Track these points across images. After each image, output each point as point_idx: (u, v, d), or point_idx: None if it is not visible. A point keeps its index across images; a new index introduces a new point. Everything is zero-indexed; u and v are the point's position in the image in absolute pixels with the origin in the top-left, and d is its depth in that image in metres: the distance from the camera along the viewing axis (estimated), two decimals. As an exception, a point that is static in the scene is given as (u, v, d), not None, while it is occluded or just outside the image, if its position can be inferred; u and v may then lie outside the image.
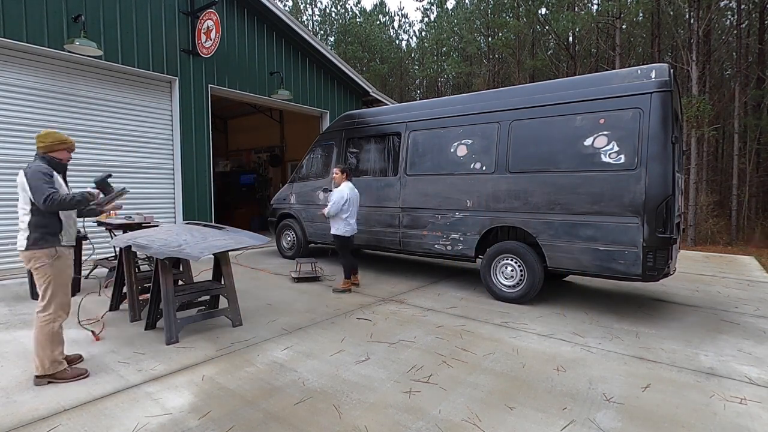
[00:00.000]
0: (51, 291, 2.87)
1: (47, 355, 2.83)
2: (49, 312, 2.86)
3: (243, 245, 3.99)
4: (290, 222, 7.72)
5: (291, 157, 13.92)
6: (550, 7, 21.44)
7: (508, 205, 4.97)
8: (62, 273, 2.92)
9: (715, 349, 3.62)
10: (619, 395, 2.77)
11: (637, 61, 23.05)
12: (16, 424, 2.37)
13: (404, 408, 2.59)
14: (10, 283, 5.68)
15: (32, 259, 2.83)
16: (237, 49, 8.79)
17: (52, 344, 2.86)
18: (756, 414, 2.57)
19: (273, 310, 4.60)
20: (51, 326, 2.86)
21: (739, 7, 19.37)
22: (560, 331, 4.02)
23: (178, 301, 3.75)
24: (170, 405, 2.58)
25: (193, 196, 8.17)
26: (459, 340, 3.76)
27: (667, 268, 4.18)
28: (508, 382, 2.96)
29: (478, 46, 29.41)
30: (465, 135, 5.39)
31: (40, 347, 2.83)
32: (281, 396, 2.71)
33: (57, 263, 2.88)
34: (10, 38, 5.83)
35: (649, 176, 4.07)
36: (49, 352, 2.84)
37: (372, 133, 6.54)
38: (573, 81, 4.76)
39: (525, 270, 4.88)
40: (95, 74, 6.94)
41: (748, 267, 7.97)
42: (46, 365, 2.83)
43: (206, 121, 8.33)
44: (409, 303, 4.98)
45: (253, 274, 6.50)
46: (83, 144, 6.85)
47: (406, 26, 47.06)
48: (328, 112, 11.03)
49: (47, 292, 2.86)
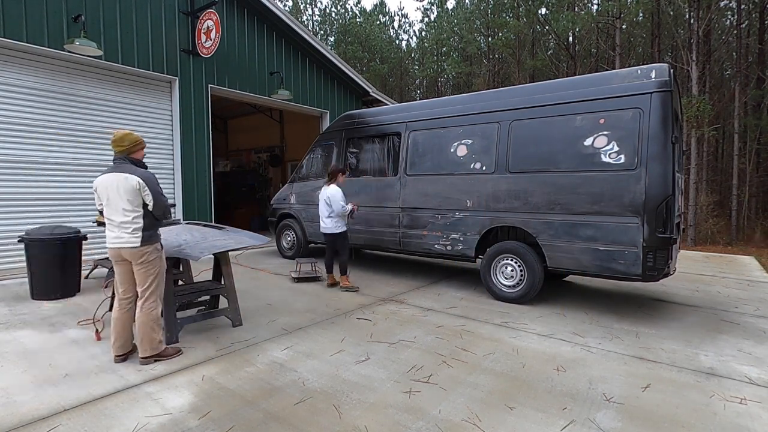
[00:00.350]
0: (158, 281, 3.21)
1: (155, 338, 3.17)
2: (153, 300, 3.19)
3: (243, 245, 3.99)
4: (290, 222, 7.72)
5: (291, 157, 13.92)
6: (550, 7, 21.45)
7: (508, 205, 4.97)
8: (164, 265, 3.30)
9: (715, 349, 3.62)
10: (619, 395, 2.77)
11: (637, 61, 23.05)
12: (16, 424, 2.37)
13: (404, 408, 2.59)
14: (10, 283, 5.67)
15: (145, 254, 3.11)
16: (237, 49, 8.79)
17: (159, 327, 3.21)
18: (756, 414, 2.57)
19: (273, 310, 4.60)
20: (156, 312, 3.20)
21: (739, 7, 19.38)
22: (560, 331, 4.02)
23: (178, 301, 3.75)
24: (170, 405, 2.58)
25: (193, 196, 8.17)
26: (459, 340, 3.76)
27: (667, 268, 4.17)
28: (508, 382, 2.96)
29: (478, 46, 29.41)
30: (465, 135, 5.39)
31: (150, 331, 3.14)
32: (281, 396, 2.71)
33: (162, 256, 3.27)
34: (10, 38, 5.83)
35: (649, 176, 4.07)
36: (155, 335, 3.17)
37: (372, 133, 6.54)
38: (573, 81, 4.75)
39: (525, 270, 4.88)
40: (95, 74, 6.94)
41: (748, 267, 7.97)
42: (154, 345, 3.18)
43: (206, 121, 8.33)
44: (409, 303, 4.98)
45: (253, 274, 6.50)
46: (83, 144, 6.86)
47: (406, 26, 47.12)
48: (328, 112, 11.03)
49: (154, 283, 3.18)
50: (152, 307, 3.17)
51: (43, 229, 4.95)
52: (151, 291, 3.17)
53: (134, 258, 3.10)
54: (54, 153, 6.55)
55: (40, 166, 6.41)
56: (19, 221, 6.17)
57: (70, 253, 4.99)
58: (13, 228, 6.06)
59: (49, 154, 6.50)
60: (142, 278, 3.15)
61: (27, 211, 6.29)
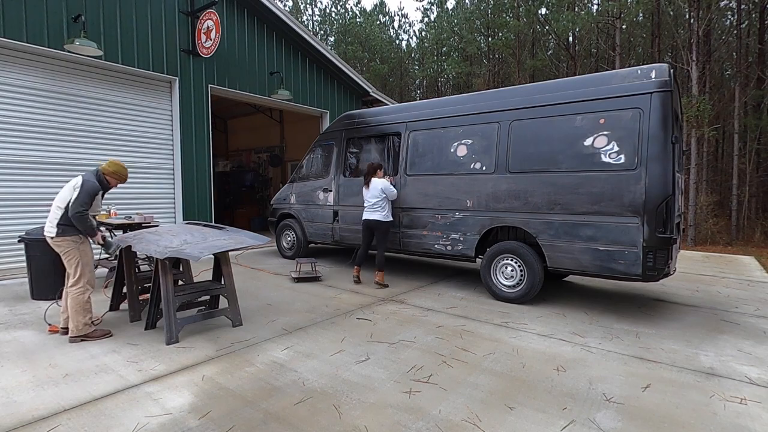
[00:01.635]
0: (80, 270, 3.56)
1: (80, 321, 3.52)
2: (79, 286, 3.55)
3: (243, 245, 3.99)
4: (290, 222, 7.72)
5: (291, 157, 13.93)
6: (550, 7, 21.42)
7: (508, 205, 4.97)
8: (86, 254, 3.63)
9: (715, 349, 3.62)
10: (619, 395, 2.77)
11: (637, 61, 23.05)
12: (16, 424, 2.37)
13: (404, 408, 2.59)
14: (10, 283, 5.67)
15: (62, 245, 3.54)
16: (237, 49, 8.79)
17: (84, 311, 3.55)
18: (756, 414, 2.57)
19: (273, 310, 4.60)
20: (82, 297, 3.54)
21: (739, 7, 19.37)
22: (560, 331, 4.02)
23: (178, 301, 3.75)
24: (170, 405, 2.58)
25: (193, 196, 8.17)
26: (459, 340, 3.76)
27: (667, 268, 4.17)
28: (508, 382, 2.96)
29: (478, 46, 29.39)
30: (465, 135, 5.39)
31: (75, 314, 3.51)
32: (281, 396, 2.71)
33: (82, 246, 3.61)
34: (10, 38, 5.83)
35: (649, 176, 4.07)
36: (81, 318, 3.52)
37: (372, 133, 6.54)
38: (573, 81, 4.75)
39: (525, 270, 4.88)
40: (95, 74, 6.95)
41: (748, 267, 7.97)
42: (80, 327, 3.53)
43: (206, 121, 8.33)
44: (409, 303, 4.98)
45: (253, 274, 6.50)
46: (83, 144, 6.87)
47: (406, 26, 47.06)
48: (328, 112, 11.04)
49: (77, 271, 3.55)
50: (78, 291, 3.54)
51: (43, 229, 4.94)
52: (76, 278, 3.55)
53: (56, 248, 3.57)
54: (54, 153, 6.55)
55: (40, 166, 6.41)
56: (19, 221, 6.17)
57: (70, 253, 4.99)
58: (13, 228, 6.06)
59: (49, 154, 6.51)
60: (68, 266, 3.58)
61: (27, 211, 6.29)
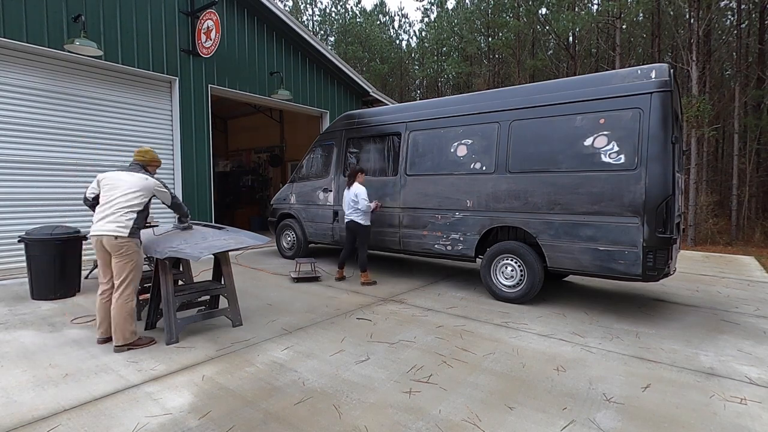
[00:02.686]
0: (134, 274, 3.44)
1: (127, 329, 3.37)
2: (129, 292, 3.40)
3: (243, 245, 3.99)
4: (290, 222, 7.72)
5: (291, 157, 13.92)
6: (550, 7, 21.43)
7: (508, 205, 4.97)
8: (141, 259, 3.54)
9: (715, 349, 3.62)
10: (619, 395, 2.77)
11: (637, 61, 23.04)
12: (16, 424, 2.37)
13: (404, 408, 2.59)
14: (10, 283, 5.67)
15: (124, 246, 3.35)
16: (237, 49, 8.79)
17: (132, 319, 3.41)
18: (756, 414, 2.57)
19: (273, 310, 4.60)
20: (131, 304, 3.40)
21: (739, 7, 19.38)
22: (560, 331, 4.02)
23: (178, 301, 3.75)
24: (170, 405, 2.58)
25: (193, 196, 8.17)
26: (459, 340, 3.76)
27: (667, 268, 4.17)
28: (508, 382, 2.96)
29: (478, 46, 29.40)
30: (465, 135, 5.39)
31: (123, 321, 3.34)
32: (281, 396, 2.71)
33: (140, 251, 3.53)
34: (10, 38, 5.83)
35: (649, 176, 4.07)
36: (129, 326, 3.38)
37: (372, 133, 6.54)
38: (573, 81, 4.75)
39: (525, 270, 4.88)
40: (95, 74, 6.94)
41: (748, 267, 7.97)
42: (127, 336, 3.38)
43: (206, 121, 8.33)
44: (409, 303, 4.98)
45: (253, 274, 6.50)
46: (83, 144, 6.86)
47: (406, 26, 47.06)
48: (328, 112, 11.03)
49: (130, 275, 3.40)
50: (129, 299, 3.38)
51: (43, 229, 4.95)
52: (126, 284, 3.38)
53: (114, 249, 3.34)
54: (54, 153, 6.55)
55: (40, 166, 6.41)
56: (19, 221, 6.17)
57: (70, 253, 4.99)
58: (13, 228, 6.06)
59: (49, 154, 6.51)
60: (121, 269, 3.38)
61: (27, 211, 6.29)
